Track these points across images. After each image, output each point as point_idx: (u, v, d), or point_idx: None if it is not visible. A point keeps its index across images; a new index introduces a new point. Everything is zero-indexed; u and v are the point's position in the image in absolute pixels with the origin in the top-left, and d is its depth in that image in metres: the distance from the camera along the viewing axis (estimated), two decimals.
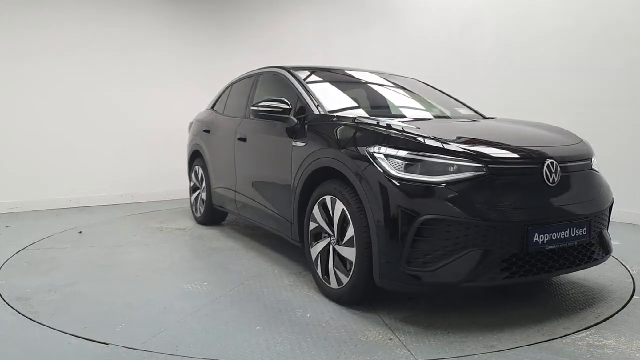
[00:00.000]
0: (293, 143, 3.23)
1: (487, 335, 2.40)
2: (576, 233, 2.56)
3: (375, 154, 2.53)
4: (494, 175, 2.43)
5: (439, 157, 2.43)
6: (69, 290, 3.10)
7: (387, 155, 2.49)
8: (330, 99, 3.47)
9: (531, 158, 2.58)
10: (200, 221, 5.15)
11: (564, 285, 3.18)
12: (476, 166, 2.41)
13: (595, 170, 2.91)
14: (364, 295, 2.71)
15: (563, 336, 2.41)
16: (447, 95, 4.17)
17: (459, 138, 2.64)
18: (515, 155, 2.57)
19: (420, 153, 2.44)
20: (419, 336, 2.40)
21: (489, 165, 2.43)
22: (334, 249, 2.80)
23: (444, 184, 2.37)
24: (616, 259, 3.81)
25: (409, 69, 4.37)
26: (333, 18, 7.44)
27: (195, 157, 5.25)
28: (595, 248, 2.73)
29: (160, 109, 7.06)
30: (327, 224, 2.86)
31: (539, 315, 2.67)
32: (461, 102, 4.07)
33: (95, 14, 6.48)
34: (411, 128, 2.67)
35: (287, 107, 3.34)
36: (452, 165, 2.41)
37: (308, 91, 3.47)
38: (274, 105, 3.36)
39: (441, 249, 2.34)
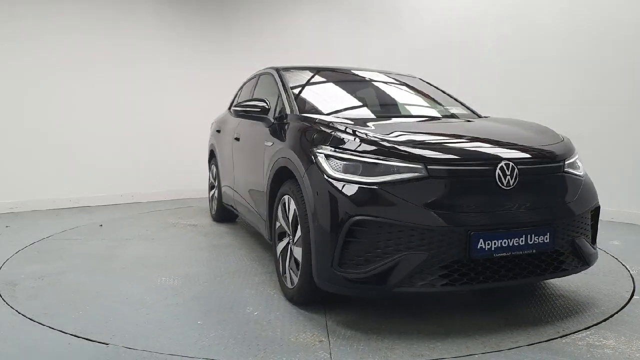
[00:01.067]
0: (265, 142, 3.30)
1: (422, 344, 2.29)
2: (535, 240, 2.37)
3: (317, 154, 2.52)
4: (434, 177, 2.32)
5: (375, 158, 2.37)
6: (54, 279, 3.31)
7: (327, 156, 2.47)
8: (311, 99, 3.51)
9: (481, 160, 2.45)
10: (214, 218, 5.36)
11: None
12: (414, 167, 2.33)
13: (573, 173, 2.68)
14: (311, 296, 2.67)
15: (563, 336, 2.41)
16: (444, 92, 4.10)
17: (408, 139, 2.55)
18: (462, 157, 2.45)
19: (358, 153, 2.40)
20: (350, 340, 2.34)
21: (429, 167, 2.33)
22: (290, 249, 2.81)
23: (379, 185, 2.31)
24: (616, 259, 3.81)
25: (409, 68, 4.37)
26: (334, 18, 7.44)
27: (211, 156, 5.44)
28: (566, 257, 2.53)
29: (161, 109, 7.06)
30: (286, 224, 2.87)
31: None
32: (456, 100, 3.99)
33: (95, 15, 6.48)
34: (358, 129, 2.60)
35: (266, 107, 3.37)
36: (389, 166, 2.34)
37: (287, 91, 3.46)
38: (251, 105, 3.41)
39: (373, 252, 2.27)
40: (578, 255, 2.58)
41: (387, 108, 3.73)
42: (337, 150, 2.46)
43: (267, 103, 3.40)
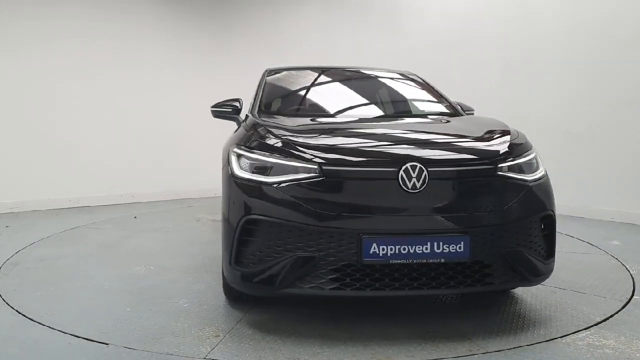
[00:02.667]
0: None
1: (309, 348, 2.24)
2: (445, 249, 2.20)
3: (231, 153, 2.56)
4: (329, 177, 2.27)
5: (276, 158, 2.37)
6: (48, 263, 3.72)
7: (239, 155, 2.50)
8: (282, 99, 3.59)
9: (383, 161, 2.35)
10: None
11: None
12: (310, 168, 2.29)
13: (511, 177, 2.41)
14: (228, 292, 2.76)
15: (563, 336, 2.41)
16: (434, 89, 3.89)
17: (315, 139, 2.53)
18: (362, 158, 2.40)
19: (262, 153, 2.42)
20: (245, 338, 2.35)
21: (324, 168, 2.28)
22: None
23: (275, 185, 2.30)
24: (616, 259, 3.81)
25: (409, 68, 4.36)
26: (334, 18, 7.44)
27: None
28: (493, 270, 2.31)
29: (161, 109, 7.05)
30: None
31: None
32: (442, 96, 3.77)
33: (95, 15, 6.48)
34: (275, 129, 2.60)
35: (238, 107, 3.46)
36: (287, 166, 2.33)
37: (258, 92, 3.54)
38: (226, 105, 3.51)
39: (265, 251, 2.27)
40: (513, 268, 2.34)
41: (354, 107, 3.68)
42: (247, 149, 2.48)
43: (240, 103, 3.48)
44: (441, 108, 3.58)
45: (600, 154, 5.39)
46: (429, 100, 3.79)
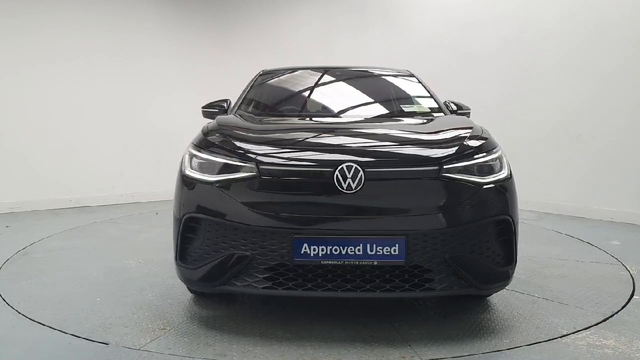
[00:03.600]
0: None
1: (240, 347, 2.27)
2: (378, 251, 2.17)
3: (186, 153, 2.60)
4: (265, 177, 2.29)
5: (220, 157, 2.41)
6: (54, 252, 4.00)
7: (192, 155, 2.53)
8: (261, 100, 3.64)
9: (320, 161, 2.34)
10: None
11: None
12: (247, 167, 2.32)
13: (459, 179, 2.32)
14: (186, 288, 2.82)
15: (563, 336, 2.41)
16: (425, 88, 3.77)
17: (264, 138, 2.58)
18: (299, 158, 2.40)
19: (208, 152, 2.46)
20: (186, 334, 2.42)
21: (260, 167, 2.30)
22: None
23: (216, 184, 2.34)
24: (616, 259, 3.81)
25: (408, 68, 4.36)
26: (334, 18, 7.45)
27: None
28: (435, 275, 2.23)
29: (161, 109, 7.05)
30: None
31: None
32: (431, 96, 3.67)
33: (96, 15, 6.48)
34: (226, 129, 2.65)
35: (225, 107, 3.53)
36: (228, 165, 2.36)
37: (243, 93, 3.65)
38: (210, 105, 3.62)
39: (205, 249, 2.32)
40: (458, 274, 2.25)
41: (326, 107, 3.67)
42: (199, 149, 2.52)
43: (227, 104, 3.54)
44: (422, 107, 3.54)
45: (600, 154, 5.39)
46: (411, 99, 3.73)
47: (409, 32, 6.84)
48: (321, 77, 3.99)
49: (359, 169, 2.22)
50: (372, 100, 3.74)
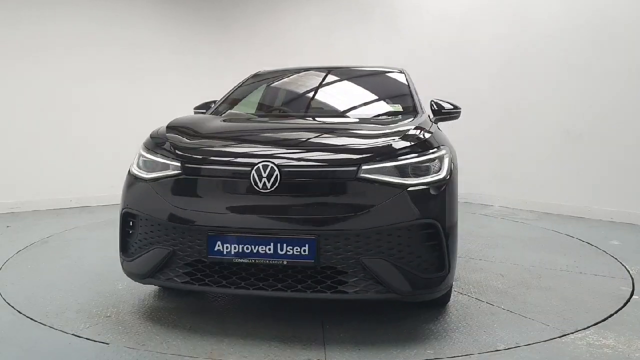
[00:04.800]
0: None
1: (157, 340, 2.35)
2: (288, 251, 2.17)
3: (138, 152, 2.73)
4: (188, 175, 2.38)
5: (153, 155, 2.54)
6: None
7: (139, 155, 2.65)
8: (240, 100, 3.71)
9: (238, 161, 2.38)
10: None
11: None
12: (174, 165, 2.43)
13: (380, 181, 2.25)
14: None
15: (563, 336, 2.41)
16: (409, 88, 3.61)
17: (196, 137, 2.64)
18: (220, 157, 2.44)
19: (149, 151, 2.59)
20: (124, 323, 2.55)
21: (185, 165, 2.39)
22: None
23: (148, 181, 2.46)
24: (616, 259, 3.81)
25: (408, 68, 4.36)
26: (334, 18, 7.45)
27: None
28: (350, 277, 2.18)
29: (161, 109, 7.03)
30: None
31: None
32: (409, 96, 3.50)
33: (95, 12, 6.48)
34: (172, 129, 2.76)
35: (210, 107, 3.66)
36: (160, 163, 2.48)
37: (227, 93, 3.75)
38: (201, 106, 3.74)
39: (137, 243, 2.44)
40: (375, 279, 2.18)
41: (291, 108, 3.69)
42: (146, 149, 2.63)
43: (215, 104, 3.67)
44: (394, 107, 3.45)
45: (600, 154, 5.39)
46: (385, 99, 3.63)
47: (409, 31, 6.84)
48: (305, 77, 4.01)
49: (275, 168, 2.24)
50: (340, 100, 3.73)
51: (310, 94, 3.84)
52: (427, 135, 2.53)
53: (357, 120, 3.08)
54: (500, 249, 4.07)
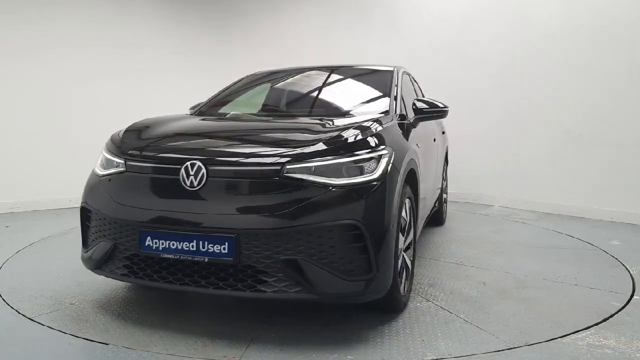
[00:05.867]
0: None
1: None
2: (209, 249, 2.20)
3: None
4: (130, 172, 2.50)
5: (108, 153, 2.70)
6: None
7: (102, 153, 2.78)
8: (222, 100, 3.78)
9: (170, 158, 2.43)
10: None
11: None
12: (119, 162, 2.57)
13: (304, 180, 2.22)
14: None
15: (563, 336, 2.41)
16: (390, 88, 3.46)
17: (148, 136, 2.75)
18: (154, 154, 2.52)
19: (106, 150, 2.75)
20: (81, 312, 2.69)
21: (128, 162, 2.52)
22: None
23: (101, 178, 2.62)
24: (616, 259, 3.81)
25: (409, 68, 4.36)
26: (333, 18, 7.45)
27: None
28: (270, 277, 2.16)
29: (161, 109, 7.04)
30: None
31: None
32: (393, 98, 3.33)
33: (95, 12, 6.48)
34: (132, 129, 2.90)
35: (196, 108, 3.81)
36: (111, 160, 2.63)
37: (215, 94, 3.86)
38: (195, 106, 3.83)
39: (91, 235, 2.59)
40: (295, 279, 2.16)
41: (271, 107, 3.69)
42: (105, 147, 2.80)
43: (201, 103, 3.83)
44: (360, 106, 3.40)
45: (600, 154, 5.39)
46: (358, 100, 3.55)
47: (409, 32, 6.84)
48: (290, 78, 4.01)
49: (202, 166, 2.29)
50: (311, 100, 3.71)
51: (285, 94, 3.87)
52: (366, 135, 2.46)
53: (311, 119, 3.00)
54: (503, 256, 3.88)
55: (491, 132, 6.25)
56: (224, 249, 2.18)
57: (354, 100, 3.56)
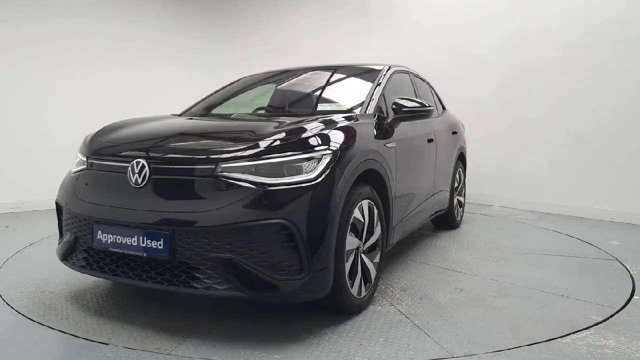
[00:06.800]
0: None
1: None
2: (148, 244, 2.28)
3: None
4: (90, 169, 2.67)
5: (79, 152, 2.86)
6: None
7: (77, 154, 2.92)
8: (208, 103, 3.87)
9: (120, 156, 2.56)
10: None
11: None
12: (83, 160, 2.76)
13: (236, 179, 2.26)
14: None
15: (563, 336, 2.41)
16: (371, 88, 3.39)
17: (112, 135, 2.86)
18: (110, 153, 2.64)
19: (78, 149, 2.91)
20: (53, 301, 2.87)
21: (89, 160, 2.70)
22: None
23: (73, 175, 2.80)
24: (616, 259, 3.81)
25: (407, 67, 4.36)
26: (333, 18, 7.45)
27: None
28: (203, 273, 2.21)
29: (161, 109, 7.04)
30: None
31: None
32: (372, 98, 3.26)
33: (94, 12, 6.48)
34: (104, 129, 3.03)
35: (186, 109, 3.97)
36: (79, 159, 2.81)
37: (205, 96, 3.96)
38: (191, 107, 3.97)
39: (63, 228, 2.77)
40: (225, 276, 2.19)
41: (254, 107, 3.71)
42: (79, 147, 2.95)
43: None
44: (328, 107, 3.38)
45: (600, 154, 5.39)
46: (332, 99, 3.55)
47: (409, 31, 6.84)
48: (275, 79, 4.03)
49: (145, 165, 2.39)
50: (283, 101, 3.75)
51: (264, 96, 3.88)
52: (308, 135, 2.43)
53: (267, 120, 2.97)
54: (499, 262, 3.68)
55: (491, 131, 6.25)
56: (160, 245, 2.27)
57: (328, 100, 3.56)
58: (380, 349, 2.26)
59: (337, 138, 2.52)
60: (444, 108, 4.92)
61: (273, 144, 2.35)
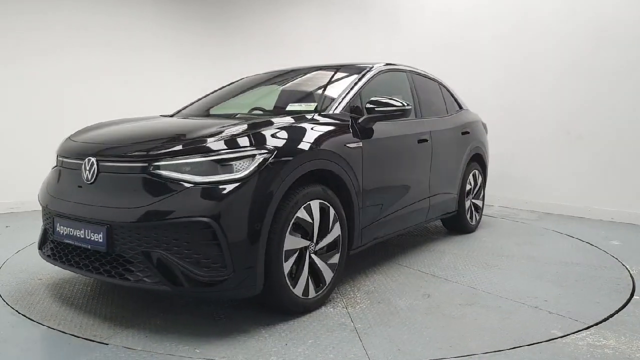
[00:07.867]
0: None
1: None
2: (91, 237, 2.43)
3: None
4: (59, 167, 2.86)
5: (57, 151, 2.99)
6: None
7: None
8: (201, 102, 3.95)
9: (78, 155, 2.70)
10: None
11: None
12: (56, 158, 2.95)
13: (167, 177, 2.31)
14: None
15: (563, 336, 2.41)
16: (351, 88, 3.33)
17: (84, 134, 2.98)
18: (71, 151, 2.79)
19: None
20: (36, 292, 3.02)
21: (59, 158, 2.89)
22: None
23: (51, 171, 3.00)
24: (616, 259, 3.81)
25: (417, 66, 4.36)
26: (334, 18, 7.45)
27: None
28: (136, 267, 2.31)
29: (160, 109, 7.05)
30: None
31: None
32: (345, 96, 3.23)
33: (94, 12, 6.48)
34: (84, 128, 3.18)
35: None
36: (56, 158, 2.94)
37: (202, 96, 4.06)
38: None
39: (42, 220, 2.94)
40: (152, 270, 2.28)
41: (242, 108, 3.70)
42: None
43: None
44: (298, 107, 3.35)
45: (600, 154, 5.39)
46: (308, 99, 3.53)
47: (409, 31, 6.84)
48: (279, 78, 4.05)
49: (94, 162, 2.53)
50: (259, 102, 3.79)
51: (240, 97, 3.92)
52: (242, 135, 2.45)
53: (213, 119, 3.01)
54: (491, 270, 3.49)
55: (491, 131, 6.24)
56: (100, 238, 2.40)
57: (301, 99, 3.54)
58: (303, 350, 2.24)
59: (275, 138, 2.52)
60: (460, 107, 4.78)
61: (205, 143, 2.39)
